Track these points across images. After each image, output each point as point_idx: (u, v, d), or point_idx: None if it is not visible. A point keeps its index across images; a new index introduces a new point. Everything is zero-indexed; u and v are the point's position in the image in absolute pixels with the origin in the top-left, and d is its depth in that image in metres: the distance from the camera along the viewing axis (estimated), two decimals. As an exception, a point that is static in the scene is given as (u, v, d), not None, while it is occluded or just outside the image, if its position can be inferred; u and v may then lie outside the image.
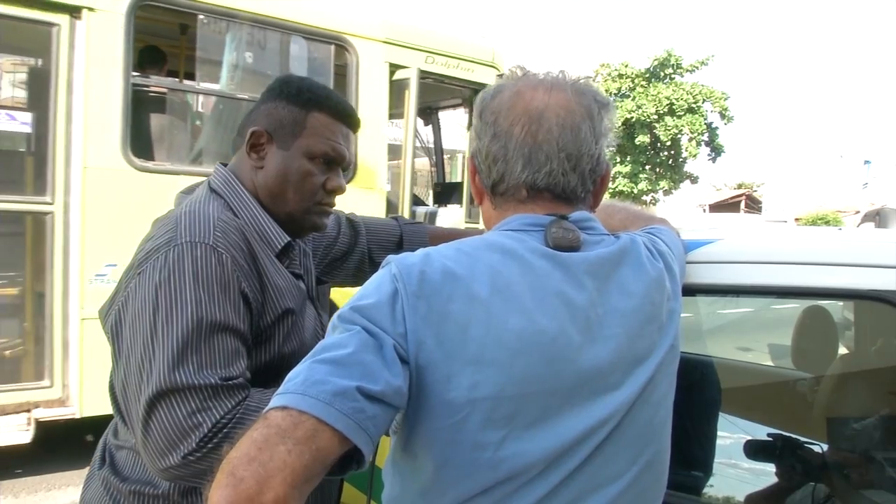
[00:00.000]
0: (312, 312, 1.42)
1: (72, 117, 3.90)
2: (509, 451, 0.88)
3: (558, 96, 1.02)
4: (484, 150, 1.04)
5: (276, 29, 4.62)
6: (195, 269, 1.14)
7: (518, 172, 1.00)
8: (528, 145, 1.00)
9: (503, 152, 1.01)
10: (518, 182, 1.01)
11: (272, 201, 1.34)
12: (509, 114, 1.01)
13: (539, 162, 1.00)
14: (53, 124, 3.87)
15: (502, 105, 1.03)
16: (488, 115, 1.04)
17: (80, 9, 3.86)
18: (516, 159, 1.00)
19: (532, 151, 1.00)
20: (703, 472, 1.66)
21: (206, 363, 1.11)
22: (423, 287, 0.88)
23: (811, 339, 2.08)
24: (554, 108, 1.01)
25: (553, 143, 0.99)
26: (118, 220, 3.89)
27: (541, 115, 1.00)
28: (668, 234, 1.20)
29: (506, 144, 1.01)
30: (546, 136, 0.99)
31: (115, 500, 1.25)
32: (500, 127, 1.02)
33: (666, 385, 1.03)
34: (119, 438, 1.29)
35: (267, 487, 0.69)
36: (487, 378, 0.87)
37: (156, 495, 1.21)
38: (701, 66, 22.82)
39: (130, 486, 1.23)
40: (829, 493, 1.52)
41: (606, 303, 0.96)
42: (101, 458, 1.32)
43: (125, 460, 1.27)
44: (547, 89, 1.02)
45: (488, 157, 1.03)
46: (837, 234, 1.54)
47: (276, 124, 1.33)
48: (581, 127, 1.01)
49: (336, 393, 0.77)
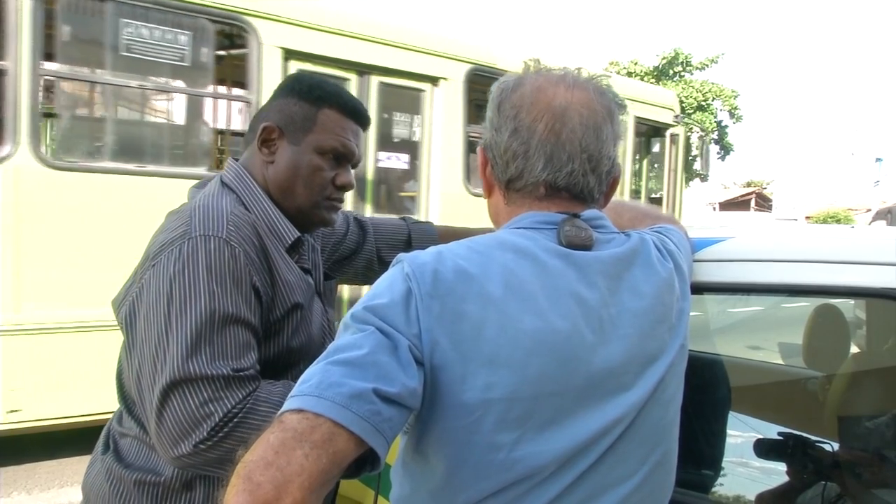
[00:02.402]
0: (319, 307, 1.43)
1: (431, 156, 5.67)
2: (523, 452, 0.87)
3: (581, 95, 1.00)
4: (502, 144, 1.01)
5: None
6: (209, 262, 1.16)
7: (539, 170, 0.99)
8: (550, 143, 0.98)
9: (524, 148, 0.99)
10: (537, 180, 0.99)
11: (282, 196, 1.35)
12: (532, 109, 0.99)
13: (561, 161, 0.98)
14: (421, 161, 5.69)
15: (524, 100, 1.00)
16: (508, 108, 1.01)
17: (437, 79, 5.59)
18: (538, 157, 0.98)
19: (554, 150, 0.98)
20: (713, 471, 1.66)
21: (219, 354, 1.13)
22: (437, 286, 0.87)
23: (823, 337, 2.06)
24: (577, 106, 0.99)
25: (576, 143, 0.98)
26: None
27: (564, 112, 0.98)
28: (677, 234, 1.19)
29: (527, 141, 0.99)
30: (569, 136, 0.98)
31: (117, 488, 1.26)
32: (521, 122, 0.99)
33: (675, 385, 1.03)
34: (123, 426, 1.31)
35: (285, 493, 0.68)
36: (502, 379, 0.86)
37: (158, 483, 1.23)
38: (711, 63, 22.71)
39: (133, 473, 1.25)
40: (839, 492, 1.52)
41: (618, 303, 0.96)
42: (105, 444, 1.34)
43: (129, 448, 1.29)
44: (569, 87, 1.01)
45: (507, 152, 1.01)
46: (850, 231, 1.53)
47: (287, 120, 1.35)
48: (603, 128, 1.00)
49: (352, 395, 0.76)
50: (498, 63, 5.79)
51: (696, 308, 1.11)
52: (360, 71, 5.18)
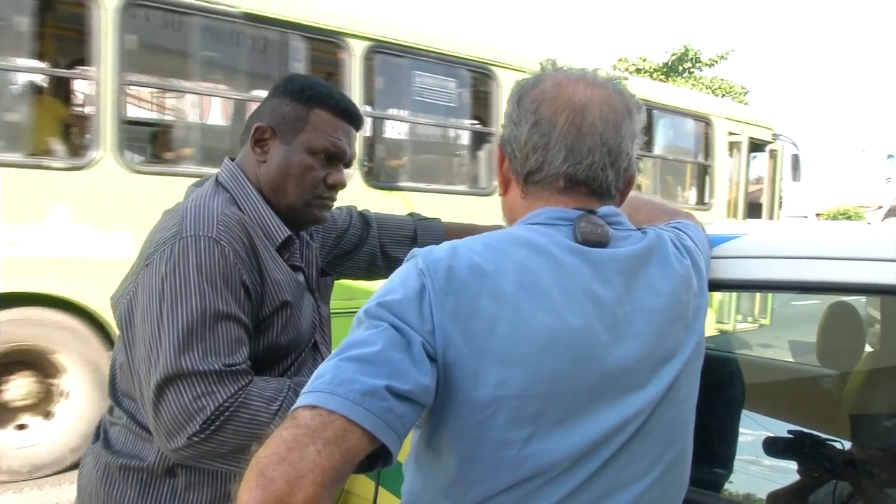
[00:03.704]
0: (311, 303, 1.45)
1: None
2: (534, 449, 0.87)
3: (600, 92, 1.01)
4: (522, 137, 1.01)
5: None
6: (199, 261, 1.20)
7: (559, 162, 0.99)
8: (571, 136, 0.98)
9: (544, 141, 0.99)
10: (557, 172, 0.99)
11: (274, 194, 1.38)
12: (552, 103, 0.99)
13: (581, 153, 0.98)
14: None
15: (545, 94, 1.01)
16: (529, 102, 1.02)
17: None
18: (558, 149, 0.99)
19: (575, 142, 0.98)
20: (725, 469, 1.65)
21: (211, 350, 1.16)
22: (451, 283, 0.87)
23: (837, 335, 2.05)
24: (597, 102, 0.99)
25: (596, 136, 0.98)
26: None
27: (584, 107, 0.99)
28: (694, 230, 1.18)
29: (548, 133, 0.99)
30: (590, 129, 0.98)
31: (103, 476, 1.32)
32: (541, 115, 1.00)
33: (690, 384, 1.02)
34: (113, 416, 1.37)
35: (297, 488, 0.68)
36: (514, 376, 0.86)
37: (141, 468, 1.28)
38: (720, 60, 22.58)
39: (119, 459, 1.30)
40: (852, 491, 1.51)
41: (634, 301, 0.95)
42: (97, 434, 1.40)
43: (117, 436, 1.34)
44: (588, 84, 1.01)
45: (527, 145, 1.01)
46: (864, 227, 1.51)
47: (279, 120, 1.37)
48: (622, 124, 1.00)
49: (365, 392, 0.76)
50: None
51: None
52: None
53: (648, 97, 6.70)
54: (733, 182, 8.26)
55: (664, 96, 7.30)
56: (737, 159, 8.26)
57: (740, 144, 8.18)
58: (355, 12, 5.01)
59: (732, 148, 8.16)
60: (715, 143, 7.60)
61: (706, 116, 7.54)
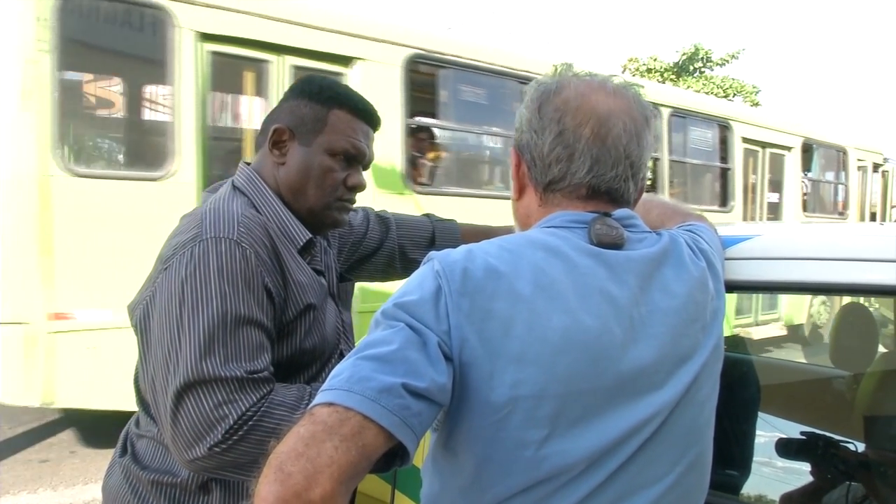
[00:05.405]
0: (333, 309, 1.43)
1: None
2: (551, 450, 0.87)
3: (622, 102, 1.01)
4: (545, 146, 1.01)
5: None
6: (220, 263, 1.16)
7: (583, 174, 0.99)
8: (596, 147, 0.98)
9: (568, 152, 0.99)
10: (581, 182, 1.00)
11: (293, 197, 1.35)
12: (577, 113, 0.99)
13: (606, 166, 0.99)
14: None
15: (568, 104, 1.01)
16: (552, 111, 1.01)
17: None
18: (583, 160, 0.99)
19: (600, 154, 0.98)
20: (741, 472, 1.64)
21: (232, 356, 1.12)
22: (467, 284, 0.87)
23: (850, 336, 2.04)
24: (619, 113, 1.00)
25: (620, 149, 0.99)
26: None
27: (608, 118, 0.99)
28: (708, 232, 1.18)
29: (573, 144, 0.99)
30: (615, 142, 0.99)
31: (135, 489, 1.27)
32: (566, 125, 0.99)
33: (710, 386, 1.02)
34: (140, 428, 1.32)
35: (315, 483, 0.70)
36: (530, 376, 0.86)
37: (174, 484, 1.23)
38: (731, 59, 22.45)
39: (150, 474, 1.25)
40: (865, 492, 1.50)
41: (649, 302, 0.95)
42: (123, 448, 1.35)
43: (145, 449, 1.29)
44: (609, 94, 1.01)
45: (550, 155, 1.00)
46: (878, 228, 1.50)
47: (297, 121, 1.35)
48: (643, 135, 1.01)
49: (381, 390, 0.77)
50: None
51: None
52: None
53: (812, 136, 9.00)
54: (861, 199, 10.52)
55: (817, 133, 9.31)
56: (863, 180, 10.59)
57: (866, 168, 10.61)
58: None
59: (861, 171, 10.48)
60: (850, 169, 9.91)
61: (843, 147, 9.78)
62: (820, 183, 9.76)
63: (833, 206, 10.04)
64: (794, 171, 8.82)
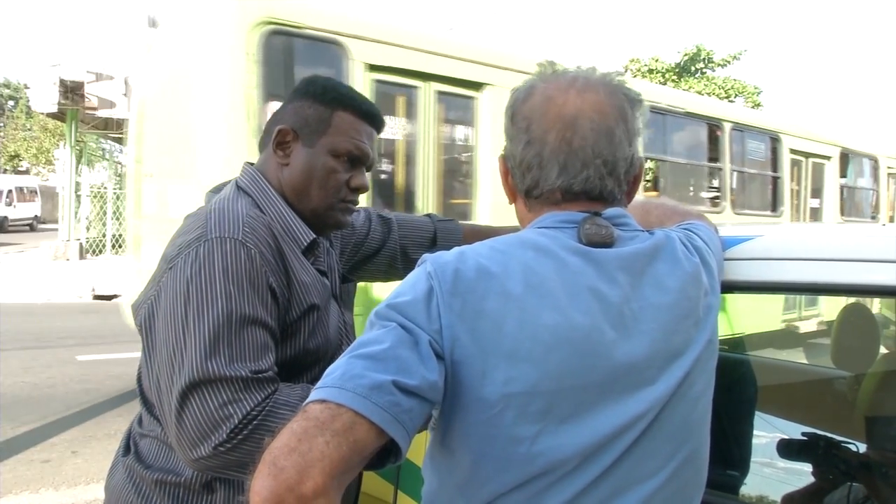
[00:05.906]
0: (336, 309, 1.43)
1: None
2: (544, 446, 0.88)
3: (591, 98, 1.00)
4: (518, 155, 1.03)
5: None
6: (225, 263, 1.16)
7: (553, 179, 1.00)
8: (563, 153, 0.99)
9: (537, 160, 1.00)
10: (553, 187, 1.01)
11: (297, 198, 1.36)
12: (542, 120, 1.00)
13: (575, 169, 0.99)
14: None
15: (534, 110, 1.01)
16: (520, 119, 1.03)
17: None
18: (551, 167, 1.00)
19: (567, 159, 0.99)
20: (740, 472, 1.64)
21: (237, 356, 1.13)
22: (458, 284, 0.89)
23: (852, 336, 2.04)
24: (587, 112, 0.99)
25: (588, 150, 0.99)
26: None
27: (574, 120, 0.99)
28: (705, 230, 1.18)
29: (540, 152, 1.00)
30: (581, 143, 0.98)
31: (139, 488, 1.27)
32: (533, 133, 1.01)
33: (704, 381, 1.02)
34: (143, 427, 1.32)
35: (307, 477, 0.71)
36: (521, 373, 0.87)
37: (178, 483, 1.23)
38: (733, 60, 22.42)
39: (154, 474, 1.25)
40: (867, 493, 1.50)
41: (641, 298, 0.96)
42: (126, 447, 1.35)
43: (149, 448, 1.29)
44: (578, 91, 1.01)
45: (522, 164, 1.02)
46: (880, 229, 1.50)
47: (301, 122, 1.35)
48: (615, 131, 1.00)
49: (372, 387, 0.79)
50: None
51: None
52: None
53: (848, 146, 9.71)
54: (891, 203, 11.50)
55: (852, 143, 10.00)
56: (892, 185, 11.58)
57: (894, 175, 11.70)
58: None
59: (891, 177, 11.39)
60: (881, 175, 10.80)
61: (875, 156, 10.62)
62: (854, 189, 10.53)
63: (866, 209, 10.79)
64: (832, 178, 9.50)
